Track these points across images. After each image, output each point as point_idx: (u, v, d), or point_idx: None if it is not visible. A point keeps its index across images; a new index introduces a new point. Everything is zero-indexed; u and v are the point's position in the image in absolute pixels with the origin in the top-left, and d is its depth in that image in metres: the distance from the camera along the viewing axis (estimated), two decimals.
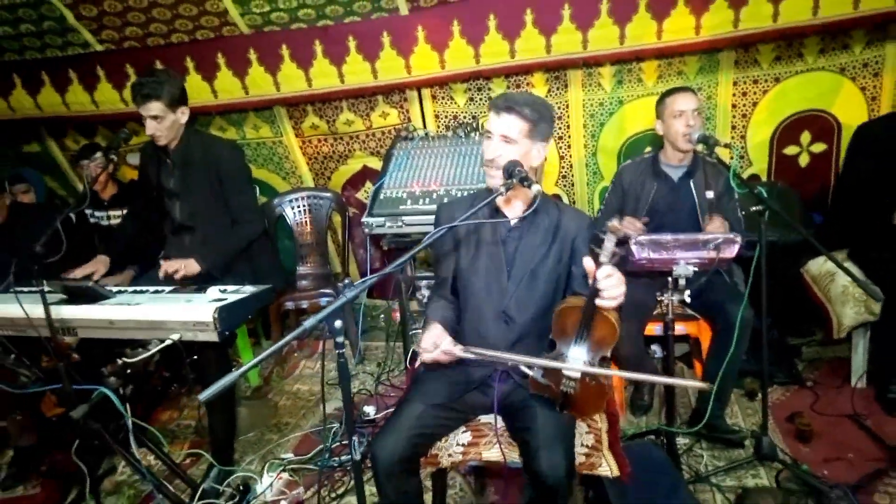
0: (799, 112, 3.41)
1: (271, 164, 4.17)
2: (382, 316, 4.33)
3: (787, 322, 3.35)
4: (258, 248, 3.07)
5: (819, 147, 3.46)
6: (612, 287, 1.69)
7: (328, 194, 4.04)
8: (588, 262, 1.71)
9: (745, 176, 3.57)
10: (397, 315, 3.71)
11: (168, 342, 2.25)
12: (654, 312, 2.74)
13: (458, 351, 1.82)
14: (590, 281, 1.72)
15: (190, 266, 2.78)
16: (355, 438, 1.51)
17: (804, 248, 2.34)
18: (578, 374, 1.81)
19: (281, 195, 4.06)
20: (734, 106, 3.46)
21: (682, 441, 2.71)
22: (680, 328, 2.85)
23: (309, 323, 1.35)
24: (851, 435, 2.67)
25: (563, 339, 1.86)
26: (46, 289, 2.23)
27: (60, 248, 2.34)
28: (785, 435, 2.73)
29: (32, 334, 2.48)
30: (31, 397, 2.98)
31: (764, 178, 3.60)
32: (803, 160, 3.51)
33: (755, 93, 3.40)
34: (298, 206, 4.04)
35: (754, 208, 2.28)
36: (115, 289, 2.62)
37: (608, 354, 1.87)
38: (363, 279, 1.49)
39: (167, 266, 2.78)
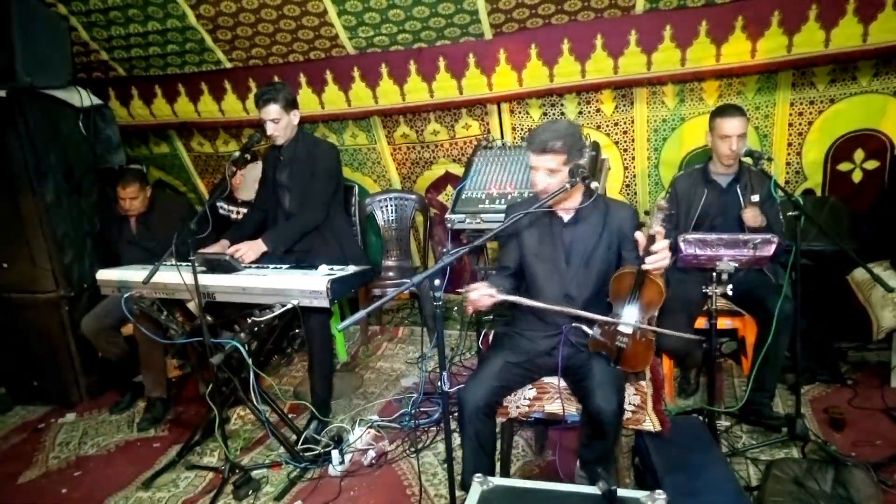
0: (853, 131, 3.60)
1: (365, 167, 4.65)
2: (455, 308, 4.78)
3: (835, 326, 3.53)
4: (346, 235, 3.46)
5: (872, 164, 3.64)
6: (658, 252, 2.05)
7: (413, 196, 4.46)
8: (639, 236, 2.09)
9: (799, 190, 3.81)
10: (469, 308, 4.14)
11: (289, 306, 2.73)
12: (703, 308, 2.97)
13: (498, 294, 2.19)
14: (640, 251, 2.10)
15: (256, 246, 3.14)
16: (445, 373, 1.94)
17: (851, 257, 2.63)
18: (631, 330, 2.18)
19: (372, 196, 4.50)
20: (790, 125, 3.68)
21: (724, 423, 2.98)
22: (727, 323, 3.11)
23: (417, 279, 1.81)
24: (882, 426, 2.87)
25: (618, 301, 2.23)
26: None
27: (207, 227, 2.90)
28: (820, 423, 2.95)
29: (177, 297, 3.07)
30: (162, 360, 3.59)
31: (819, 193, 3.79)
32: (856, 176, 3.70)
33: (811, 113, 3.62)
34: (386, 206, 4.49)
35: (790, 213, 2.59)
36: (244, 264, 3.10)
37: (656, 314, 2.22)
38: (456, 248, 1.93)
39: (234, 249, 3.12)
